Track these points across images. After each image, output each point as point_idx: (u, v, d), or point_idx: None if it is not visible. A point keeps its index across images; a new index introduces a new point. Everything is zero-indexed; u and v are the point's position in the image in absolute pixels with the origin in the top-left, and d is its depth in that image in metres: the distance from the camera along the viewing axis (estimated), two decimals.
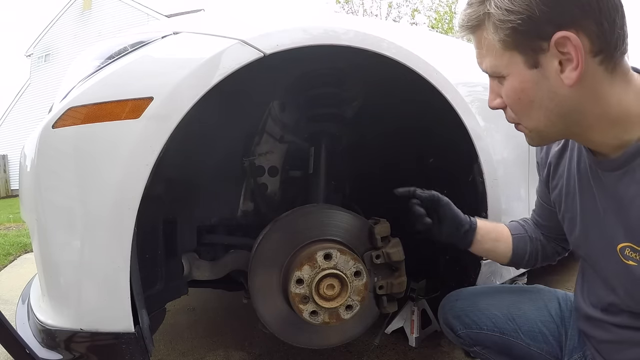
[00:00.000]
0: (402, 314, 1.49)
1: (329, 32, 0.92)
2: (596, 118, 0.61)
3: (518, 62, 0.61)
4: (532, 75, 0.60)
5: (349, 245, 0.98)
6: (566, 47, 0.56)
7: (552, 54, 0.58)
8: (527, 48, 0.59)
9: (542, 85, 0.60)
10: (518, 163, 1.26)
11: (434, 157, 1.26)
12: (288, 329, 0.99)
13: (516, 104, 0.65)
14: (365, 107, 1.26)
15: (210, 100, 0.82)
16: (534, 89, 0.61)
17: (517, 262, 0.99)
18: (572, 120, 0.63)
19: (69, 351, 0.82)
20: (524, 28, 0.57)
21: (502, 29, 0.59)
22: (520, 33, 0.58)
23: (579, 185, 0.76)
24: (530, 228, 1.00)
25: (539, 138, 0.68)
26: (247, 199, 1.28)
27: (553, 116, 0.62)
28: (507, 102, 0.66)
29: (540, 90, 0.61)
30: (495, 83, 0.68)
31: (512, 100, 0.65)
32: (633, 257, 0.66)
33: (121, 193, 0.78)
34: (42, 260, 0.86)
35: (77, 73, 0.91)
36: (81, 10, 15.36)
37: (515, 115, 0.67)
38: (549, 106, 0.61)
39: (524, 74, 0.61)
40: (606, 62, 0.58)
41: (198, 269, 1.12)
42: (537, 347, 0.91)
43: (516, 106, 0.65)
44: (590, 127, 0.63)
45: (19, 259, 3.32)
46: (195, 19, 1.02)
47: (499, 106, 0.68)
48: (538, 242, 0.98)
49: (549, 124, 0.64)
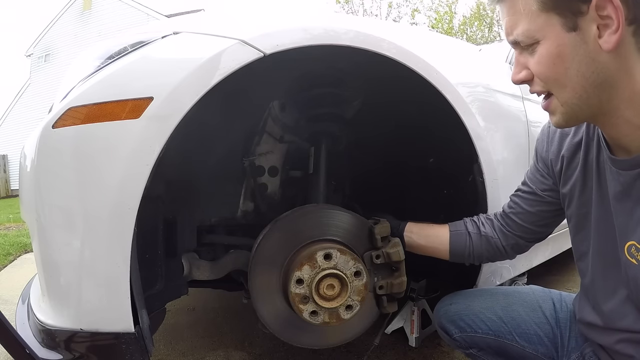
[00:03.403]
0: (402, 314, 1.49)
1: (329, 32, 0.92)
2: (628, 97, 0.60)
3: (555, 25, 0.58)
4: (570, 38, 0.58)
5: (349, 245, 0.98)
6: (606, 10, 0.55)
7: (591, 18, 0.56)
8: (566, 9, 0.57)
9: (579, 50, 0.58)
10: (518, 163, 1.26)
11: (434, 157, 1.26)
12: (288, 329, 0.99)
13: (550, 71, 0.61)
14: (366, 107, 1.26)
15: (210, 100, 0.82)
16: (571, 53, 0.58)
17: (457, 257, 1.00)
18: (605, 96, 0.60)
19: (69, 351, 0.82)
20: None
21: None
22: None
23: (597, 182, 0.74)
24: (475, 225, 1.00)
25: (570, 113, 0.63)
26: (247, 199, 1.28)
27: (588, 86, 0.60)
28: (538, 71, 0.62)
29: (577, 54, 0.58)
30: (522, 55, 0.64)
31: (546, 66, 0.61)
32: (636, 256, 0.66)
33: (121, 193, 0.78)
34: (42, 260, 0.86)
35: (77, 73, 0.91)
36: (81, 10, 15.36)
37: (546, 84, 0.63)
38: (585, 73, 0.59)
39: (562, 37, 0.58)
40: (637, 35, 0.57)
41: (198, 269, 1.12)
42: (532, 348, 0.91)
43: (549, 73, 0.61)
44: (618, 108, 0.61)
45: (19, 259, 3.32)
46: (195, 19, 1.02)
47: (525, 78, 0.65)
48: (483, 238, 0.97)
49: (584, 95, 0.60)
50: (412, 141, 1.28)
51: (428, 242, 1.03)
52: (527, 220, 0.93)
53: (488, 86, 1.18)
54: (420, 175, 1.33)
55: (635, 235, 0.66)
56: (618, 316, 0.74)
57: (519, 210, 0.94)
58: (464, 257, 1.00)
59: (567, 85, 0.61)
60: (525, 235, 0.95)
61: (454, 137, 1.08)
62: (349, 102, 1.25)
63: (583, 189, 0.78)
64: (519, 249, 0.98)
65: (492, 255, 0.99)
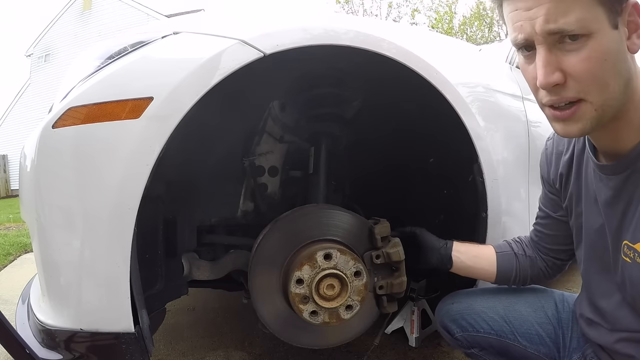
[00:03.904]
0: (402, 314, 1.49)
1: (329, 32, 0.92)
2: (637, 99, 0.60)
3: (604, 20, 0.55)
4: (615, 35, 0.56)
5: (349, 245, 0.98)
6: (634, 16, 0.57)
7: (624, 20, 0.57)
8: (612, 6, 0.55)
9: (620, 48, 0.57)
10: (518, 163, 1.26)
11: (434, 157, 1.26)
12: (288, 329, 0.99)
13: (599, 69, 0.56)
14: (366, 107, 1.26)
15: (210, 100, 0.82)
16: (615, 51, 0.56)
17: (504, 280, 0.99)
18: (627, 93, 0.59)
19: (69, 351, 0.82)
20: None
21: None
22: None
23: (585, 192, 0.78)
24: (520, 246, 1.00)
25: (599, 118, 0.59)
26: (247, 199, 1.28)
27: (623, 86, 0.58)
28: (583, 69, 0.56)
29: (619, 52, 0.57)
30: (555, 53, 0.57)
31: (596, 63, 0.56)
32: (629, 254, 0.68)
33: (121, 193, 0.78)
34: (42, 260, 0.86)
35: (77, 73, 0.91)
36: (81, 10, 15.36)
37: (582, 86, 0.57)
38: (622, 72, 0.58)
39: (610, 34, 0.56)
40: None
41: (198, 269, 1.12)
42: (534, 348, 0.91)
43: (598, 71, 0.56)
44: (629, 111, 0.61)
45: (19, 259, 3.32)
46: (195, 19, 1.02)
47: (559, 81, 0.57)
48: (528, 259, 0.98)
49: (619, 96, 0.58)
50: (412, 141, 1.28)
51: (476, 263, 0.99)
52: (554, 242, 0.95)
53: (488, 86, 1.18)
54: (420, 176, 1.33)
55: (628, 235, 0.67)
56: (616, 317, 0.76)
57: (542, 236, 0.96)
58: (510, 279, 0.98)
59: (609, 84, 0.57)
60: (559, 256, 0.96)
61: (454, 137, 1.08)
62: (349, 102, 1.25)
63: (577, 201, 0.81)
64: (558, 269, 0.99)
65: (536, 276, 0.99)
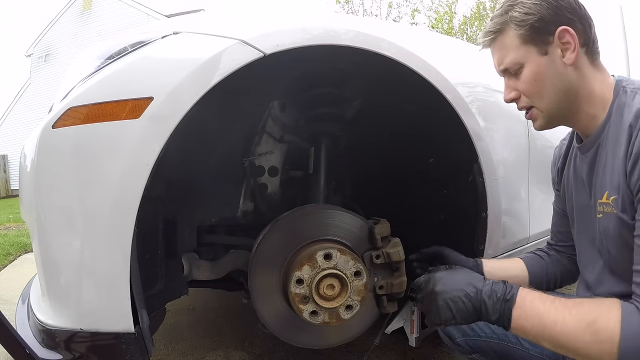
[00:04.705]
0: (402, 314, 1.49)
1: (329, 32, 0.92)
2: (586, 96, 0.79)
3: (533, 52, 0.79)
4: (543, 60, 0.79)
5: (349, 245, 0.98)
6: (565, 38, 0.77)
7: (556, 44, 0.77)
8: (539, 40, 0.78)
9: (551, 67, 0.78)
10: (518, 163, 1.26)
11: (434, 157, 1.26)
12: (288, 329, 0.99)
13: (532, 86, 0.81)
14: (365, 107, 1.26)
15: (210, 100, 0.82)
16: (546, 71, 0.79)
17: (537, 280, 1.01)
18: (571, 98, 0.79)
19: (69, 351, 0.82)
20: (537, 25, 0.78)
21: (523, 27, 0.79)
22: (535, 29, 0.78)
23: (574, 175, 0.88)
24: (541, 251, 1.05)
25: (548, 118, 0.82)
26: (247, 199, 1.28)
27: (560, 93, 0.79)
28: (523, 89, 0.82)
29: (550, 71, 0.79)
30: (511, 80, 0.84)
31: (529, 84, 0.81)
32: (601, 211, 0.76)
33: (121, 193, 0.78)
34: (42, 260, 0.86)
35: (77, 73, 0.91)
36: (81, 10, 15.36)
37: (529, 99, 0.82)
38: (557, 84, 0.79)
39: (539, 60, 0.79)
40: (589, 53, 0.79)
41: (198, 269, 1.12)
42: (537, 351, 0.91)
43: (532, 88, 0.81)
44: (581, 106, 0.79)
45: (19, 259, 3.32)
46: (195, 19, 1.02)
47: (515, 97, 0.84)
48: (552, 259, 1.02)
49: (557, 100, 0.80)
50: (412, 141, 1.28)
51: (507, 272, 1.00)
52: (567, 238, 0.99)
53: (488, 86, 1.18)
54: (420, 176, 1.33)
55: (600, 193, 0.77)
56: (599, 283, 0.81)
57: (560, 233, 1.02)
58: (543, 280, 1.01)
59: (545, 95, 0.80)
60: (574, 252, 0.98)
61: (454, 137, 1.09)
62: (349, 102, 1.25)
63: (568, 185, 0.92)
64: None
65: (565, 276, 1.02)
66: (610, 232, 0.75)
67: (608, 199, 0.74)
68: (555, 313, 0.68)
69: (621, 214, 0.72)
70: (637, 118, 0.69)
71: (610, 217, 0.74)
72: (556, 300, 0.70)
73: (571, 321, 0.66)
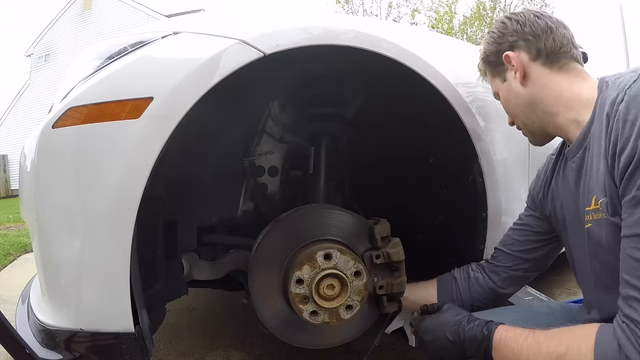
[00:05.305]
0: (402, 314, 1.49)
1: (329, 32, 0.92)
2: (555, 102, 0.81)
3: (498, 82, 0.91)
4: (504, 86, 0.89)
5: (349, 245, 0.98)
6: (512, 61, 0.84)
7: (508, 69, 0.86)
8: (497, 71, 0.90)
9: (511, 90, 0.87)
10: (518, 163, 1.26)
11: (434, 157, 1.26)
12: (288, 329, 0.99)
13: (507, 109, 0.92)
14: (365, 107, 1.26)
15: (210, 100, 0.82)
16: (508, 94, 0.89)
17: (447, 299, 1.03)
18: (539, 109, 0.83)
19: (69, 351, 0.82)
20: (489, 60, 0.90)
21: (485, 64, 0.92)
22: (490, 64, 0.91)
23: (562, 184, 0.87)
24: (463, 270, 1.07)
25: (530, 133, 0.90)
26: (247, 199, 1.28)
27: (525, 109, 0.86)
28: (505, 110, 0.92)
29: (510, 93, 0.88)
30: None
31: (505, 108, 0.92)
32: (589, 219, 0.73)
33: (121, 193, 0.78)
34: (42, 260, 0.86)
35: (77, 73, 0.91)
36: (81, 10, 15.36)
37: (513, 120, 0.92)
38: (520, 102, 0.86)
39: (502, 87, 0.90)
40: (549, 63, 0.81)
41: (198, 269, 1.12)
42: None
43: (508, 111, 0.92)
44: (557, 113, 0.81)
45: (19, 259, 3.32)
46: (195, 19, 1.02)
47: (510, 121, 0.94)
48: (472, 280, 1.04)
49: (526, 115, 0.86)
50: (412, 141, 1.28)
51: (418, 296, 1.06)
52: (515, 249, 1.01)
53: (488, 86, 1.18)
54: (420, 176, 1.33)
55: (587, 200, 0.73)
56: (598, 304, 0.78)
57: (508, 242, 1.03)
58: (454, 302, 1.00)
59: (517, 115, 0.89)
60: (516, 266, 1.01)
61: (454, 137, 1.09)
62: (349, 102, 1.25)
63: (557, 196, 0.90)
64: (512, 282, 1.03)
65: (484, 295, 1.03)
66: (603, 242, 0.70)
67: (596, 203, 0.69)
68: (527, 352, 0.70)
69: (612, 218, 0.66)
70: (612, 106, 0.67)
71: (601, 223, 0.69)
72: (530, 336, 0.72)
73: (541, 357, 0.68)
